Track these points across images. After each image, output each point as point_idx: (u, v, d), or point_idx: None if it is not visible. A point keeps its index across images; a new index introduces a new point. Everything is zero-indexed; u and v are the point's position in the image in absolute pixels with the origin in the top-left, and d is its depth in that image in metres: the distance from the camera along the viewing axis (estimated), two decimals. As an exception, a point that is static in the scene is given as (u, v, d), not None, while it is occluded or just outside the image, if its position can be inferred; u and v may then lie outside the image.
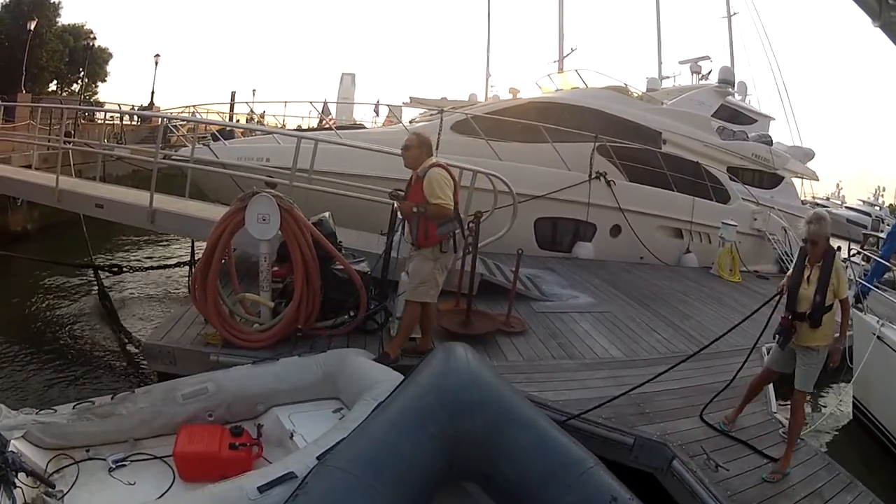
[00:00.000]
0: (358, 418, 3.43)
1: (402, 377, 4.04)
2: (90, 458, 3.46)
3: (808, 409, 4.75)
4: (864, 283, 7.95)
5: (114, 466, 3.45)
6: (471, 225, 6.01)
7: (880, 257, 8.36)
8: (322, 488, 2.72)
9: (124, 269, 9.44)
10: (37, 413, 3.47)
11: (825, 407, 7.19)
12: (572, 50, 19.07)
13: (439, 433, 3.01)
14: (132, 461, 3.54)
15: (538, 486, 2.97)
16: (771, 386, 5.65)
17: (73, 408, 3.61)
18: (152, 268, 10.32)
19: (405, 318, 5.21)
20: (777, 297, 4.41)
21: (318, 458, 3.04)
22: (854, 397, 6.98)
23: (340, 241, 5.95)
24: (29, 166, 11.70)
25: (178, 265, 10.43)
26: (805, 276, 4.21)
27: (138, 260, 11.59)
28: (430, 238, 4.87)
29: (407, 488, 2.81)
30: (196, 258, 8.84)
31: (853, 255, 10.49)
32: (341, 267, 5.50)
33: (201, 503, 2.78)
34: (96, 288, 8.97)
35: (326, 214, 6.08)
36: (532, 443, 3.09)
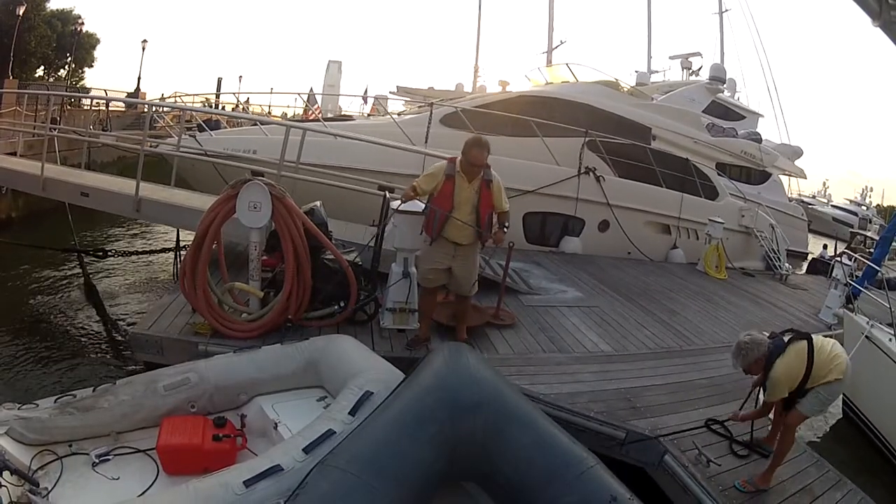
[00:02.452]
0: (343, 408, 3.40)
1: (388, 364, 4.03)
2: (73, 454, 3.39)
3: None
4: (854, 284, 8.06)
5: (97, 461, 3.38)
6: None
7: (872, 261, 8.47)
8: (322, 488, 2.68)
9: (109, 254, 9.32)
10: (19, 408, 3.39)
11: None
12: (561, 42, 19.16)
13: (439, 433, 2.99)
14: (115, 455, 3.47)
15: (538, 486, 2.94)
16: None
17: (55, 402, 3.53)
18: (137, 253, 10.22)
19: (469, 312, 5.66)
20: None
21: (304, 449, 3.00)
22: (844, 395, 7.03)
23: (331, 231, 5.87)
24: (14, 153, 11.51)
25: (163, 251, 10.34)
26: None
27: (124, 246, 11.45)
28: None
29: (407, 488, 2.79)
30: (181, 245, 8.80)
31: (840, 256, 10.60)
32: (331, 257, 5.42)
33: (186, 500, 2.71)
34: (81, 276, 8.85)
35: (318, 203, 5.96)
36: (532, 442, 3.07)
